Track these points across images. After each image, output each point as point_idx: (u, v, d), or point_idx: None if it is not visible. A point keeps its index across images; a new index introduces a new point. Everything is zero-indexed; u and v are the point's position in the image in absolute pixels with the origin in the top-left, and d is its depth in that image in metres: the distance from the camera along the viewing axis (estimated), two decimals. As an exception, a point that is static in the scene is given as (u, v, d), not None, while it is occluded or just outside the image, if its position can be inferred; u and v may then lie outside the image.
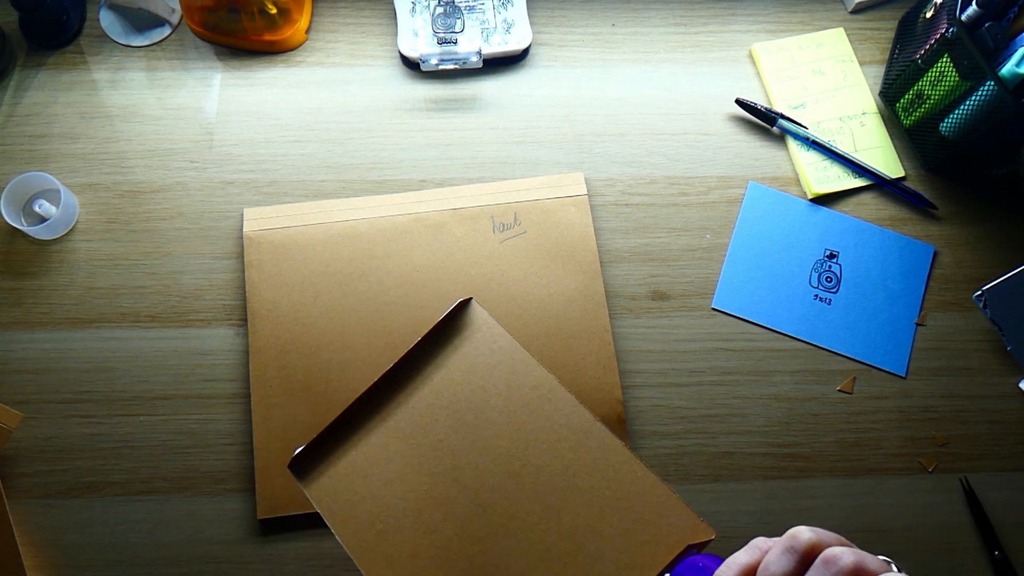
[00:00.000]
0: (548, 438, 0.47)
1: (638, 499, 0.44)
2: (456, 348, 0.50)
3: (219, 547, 0.64)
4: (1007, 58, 0.64)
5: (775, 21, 0.80)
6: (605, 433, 0.46)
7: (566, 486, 0.46)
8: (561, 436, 0.47)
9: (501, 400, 0.48)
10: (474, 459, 0.47)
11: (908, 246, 0.73)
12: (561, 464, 0.46)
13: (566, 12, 0.80)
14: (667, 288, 0.71)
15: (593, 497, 0.45)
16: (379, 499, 0.46)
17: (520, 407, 0.48)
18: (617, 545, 0.43)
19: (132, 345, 0.68)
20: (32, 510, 0.64)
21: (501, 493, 0.46)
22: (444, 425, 0.48)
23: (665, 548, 0.43)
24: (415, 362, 0.50)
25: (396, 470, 0.47)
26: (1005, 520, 0.66)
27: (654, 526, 0.44)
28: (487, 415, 0.48)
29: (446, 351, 0.50)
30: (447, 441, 0.47)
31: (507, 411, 0.48)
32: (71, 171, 0.73)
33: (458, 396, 0.48)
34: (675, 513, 0.44)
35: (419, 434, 0.48)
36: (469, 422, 0.48)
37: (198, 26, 0.76)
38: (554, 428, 0.47)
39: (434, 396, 0.49)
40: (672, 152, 0.75)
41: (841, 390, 0.69)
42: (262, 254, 0.69)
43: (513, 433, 0.47)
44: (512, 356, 0.49)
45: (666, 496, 0.44)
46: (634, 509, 0.44)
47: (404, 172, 0.74)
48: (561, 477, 0.46)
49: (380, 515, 0.46)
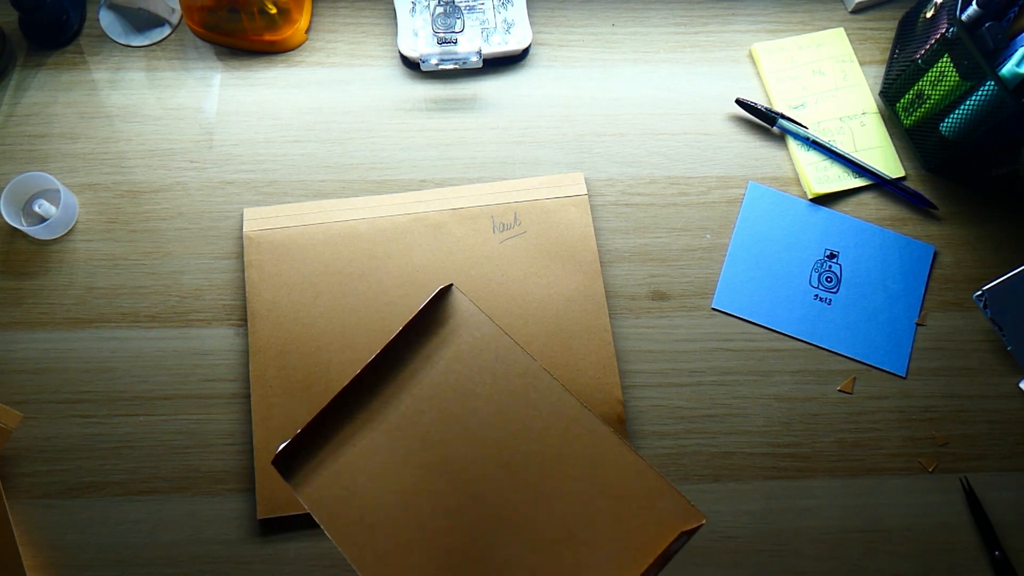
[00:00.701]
0: (536, 426, 0.46)
1: (629, 485, 0.44)
2: (439, 337, 0.49)
3: (219, 547, 0.64)
4: (1007, 58, 0.64)
5: (775, 21, 0.80)
6: (593, 420, 0.46)
7: (556, 474, 0.45)
8: (549, 424, 0.46)
9: (487, 389, 0.48)
10: (463, 450, 0.46)
11: (908, 246, 0.73)
12: (550, 452, 0.46)
13: (566, 12, 0.80)
14: (667, 288, 0.71)
15: (583, 484, 0.45)
16: (368, 493, 0.46)
17: (507, 395, 0.47)
18: (609, 532, 0.43)
19: (132, 345, 0.68)
20: (32, 510, 0.64)
21: (491, 483, 0.45)
22: (431, 416, 0.47)
23: (657, 534, 0.43)
24: (398, 353, 0.49)
25: (384, 463, 0.47)
26: (1005, 520, 0.66)
27: (645, 511, 0.43)
28: (474, 405, 0.47)
29: (430, 341, 0.49)
30: (435, 432, 0.47)
31: (494, 400, 0.47)
32: (71, 171, 0.73)
33: (444, 387, 0.48)
34: (666, 498, 0.43)
35: (406, 426, 0.47)
36: (456, 412, 0.47)
37: (198, 26, 0.76)
38: (542, 416, 0.47)
39: (419, 387, 0.48)
40: (672, 152, 0.75)
41: (841, 390, 0.69)
42: (262, 254, 0.69)
43: (501, 422, 0.47)
44: (496, 344, 0.48)
45: (656, 481, 0.44)
46: (625, 495, 0.44)
47: (404, 172, 0.74)
48: (551, 465, 0.46)
49: (369, 509, 0.46)
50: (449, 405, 0.48)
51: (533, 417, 0.47)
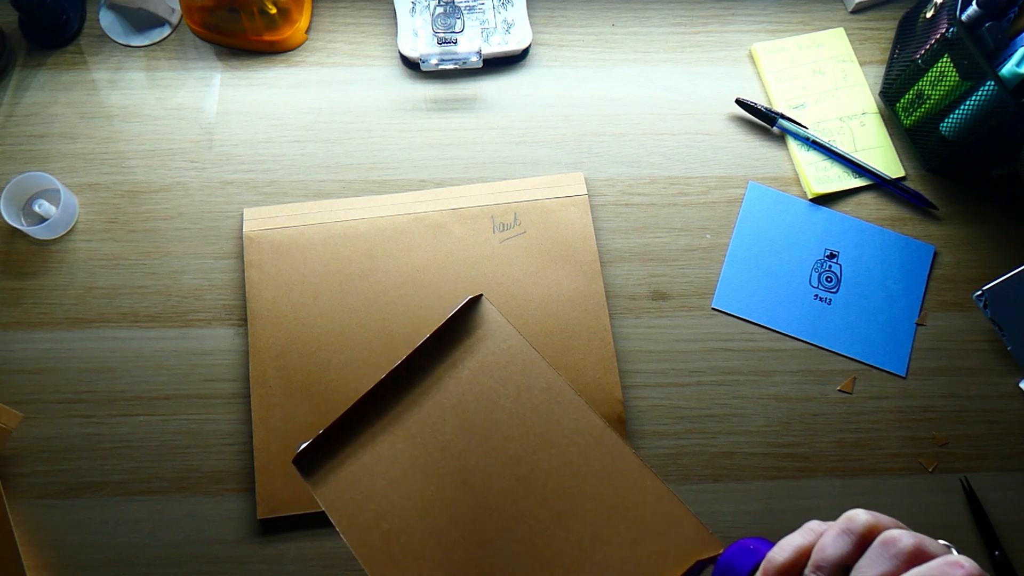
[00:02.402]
0: (557, 442, 0.46)
1: (647, 509, 0.43)
2: (466, 347, 0.49)
3: (219, 547, 0.64)
4: (1007, 58, 0.64)
5: (775, 21, 0.80)
6: (616, 440, 0.45)
7: (575, 492, 0.45)
8: (571, 440, 0.46)
9: (510, 402, 0.47)
10: (482, 461, 0.46)
11: (908, 246, 0.73)
12: (570, 469, 0.45)
13: (566, 12, 0.80)
14: (667, 288, 0.71)
15: (602, 504, 0.44)
16: (385, 499, 0.46)
17: (529, 409, 0.47)
18: (624, 554, 0.43)
19: (132, 345, 0.68)
20: (32, 510, 0.64)
21: (509, 496, 0.45)
22: (452, 426, 0.47)
23: (674, 560, 0.42)
24: (423, 360, 0.49)
25: (403, 470, 0.46)
26: (1005, 520, 0.66)
27: (663, 537, 0.43)
28: (496, 417, 0.47)
29: (456, 349, 0.49)
30: (455, 442, 0.47)
31: (516, 413, 0.47)
32: (71, 171, 0.73)
33: (467, 396, 0.48)
34: (684, 525, 0.43)
35: (427, 434, 0.47)
36: (477, 423, 0.47)
37: (198, 26, 0.76)
38: (564, 432, 0.46)
39: (443, 396, 0.48)
40: (672, 152, 0.75)
41: (841, 390, 0.69)
42: (262, 254, 0.69)
43: (522, 436, 0.46)
44: (522, 357, 0.48)
45: (676, 507, 0.43)
46: (643, 519, 0.43)
47: (404, 172, 0.74)
48: (570, 482, 0.45)
49: (386, 515, 0.45)
50: (471, 415, 0.47)
51: (555, 432, 0.46)
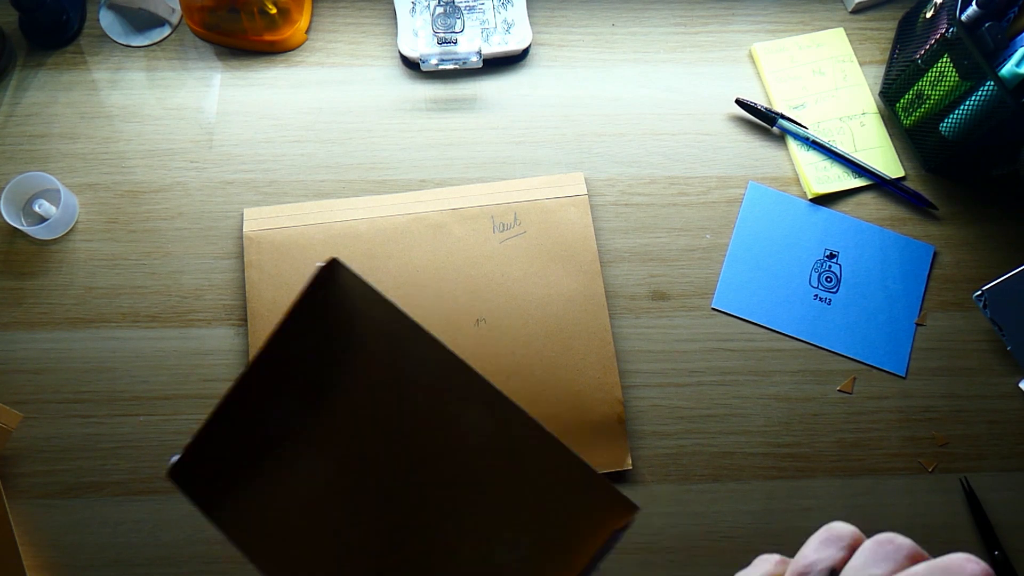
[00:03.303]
0: (452, 416, 0.42)
1: (553, 475, 0.40)
2: (333, 325, 0.45)
3: (219, 547, 0.64)
4: (1007, 58, 0.64)
5: (775, 21, 0.80)
6: (509, 404, 0.41)
7: (476, 470, 0.41)
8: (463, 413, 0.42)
9: (397, 382, 0.43)
10: (376, 447, 0.42)
11: (908, 246, 0.73)
12: (468, 446, 0.42)
13: (566, 12, 0.80)
14: (667, 288, 0.71)
15: (506, 479, 0.41)
16: (275, 498, 0.42)
17: (417, 385, 0.42)
18: (533, 530, 0.40)
19: (132, 345, 0.68)
20: (32, 510, 0.64)
21: (408, 483, 0.42)
22: (342, 413, 0.43)
23: (587, 528, 0.40)
24: (287, 342, 0.45)
25: (296, 472, 0.42)
26: (1005, 520, 0.66)
27: (572, 504, 0.40)
28: (382, 396, 0.43)
29: (326, 333, 0.45)
30: (344, 429, 0.43)
31: (405, 394, 0.43)
32: (71, 171, 0.73)
33: (354, 386, 0.43)
34: (593, 487, 0.39)
35: (314, 425, 0.43)
36: (369, 406, 0.43)
37: (198, 26, 0.76)
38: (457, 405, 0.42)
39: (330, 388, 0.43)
40: (672, 152, 0.75)
41: (841, 390, 0.69)
42: (262, 254, 0.69)
43: (414, 415, 0.42)
44: (398, 326, 0.43)
45: (580, 469, 0.40)
46: (550, 488, 0.40)
47: (404, 172, 0.74)
48: (471, 460, 0.41)
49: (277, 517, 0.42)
50: (367, 399, 0.43)
51: (448, 407, 0.42)
